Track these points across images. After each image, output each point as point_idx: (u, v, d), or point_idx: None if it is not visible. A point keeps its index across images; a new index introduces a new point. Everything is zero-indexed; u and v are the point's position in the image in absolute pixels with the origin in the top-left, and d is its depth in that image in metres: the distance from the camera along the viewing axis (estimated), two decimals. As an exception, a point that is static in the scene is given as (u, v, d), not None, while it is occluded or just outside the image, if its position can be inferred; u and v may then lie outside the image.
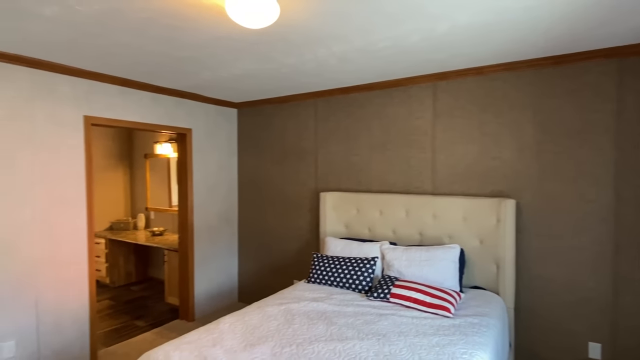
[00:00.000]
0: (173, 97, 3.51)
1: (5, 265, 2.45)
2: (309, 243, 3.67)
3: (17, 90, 2.50)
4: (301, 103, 3.69)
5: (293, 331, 1.98)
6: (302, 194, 3.72)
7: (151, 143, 5.31)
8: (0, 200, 2.42)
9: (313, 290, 2.65)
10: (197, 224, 3.79)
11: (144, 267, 5.34)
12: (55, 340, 2.70)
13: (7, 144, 2.46)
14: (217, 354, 1.73)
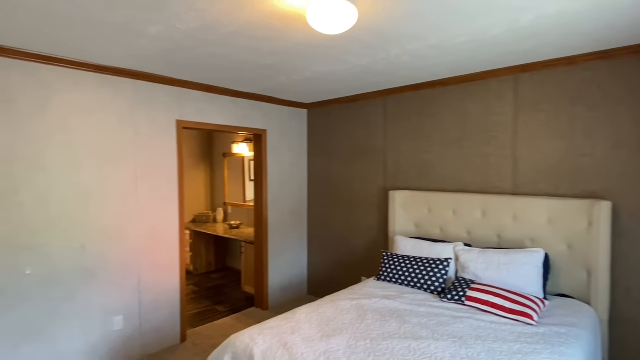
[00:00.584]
0: (250, 100, 3.76)
1: (116, 250, 2.85)
2: (377, 241, 3.69)
3: (124, 99, 2.89)
4: (370, 102, 3.71)
5: (366, 326, 2.03)
6: (370, 192, 3.75)
7: (229, 143, 5.72)
8: (113, 194, 2.83)
9: (383, 288, 2.67)
10: (271, 219, 4.02)
11: (223, 257, 5.79)
12: (153, 318, 3.08)
13: (117, 146, 2.85)
14: (296, 341, 1.85)
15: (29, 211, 2.44)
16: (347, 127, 3.94)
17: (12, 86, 2.37)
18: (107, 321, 2.81)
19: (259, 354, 1.78)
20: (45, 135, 2.51)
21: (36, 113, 2.46)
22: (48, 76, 2.50)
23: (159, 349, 3.11)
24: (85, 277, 2.70)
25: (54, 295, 2.55)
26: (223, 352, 1.93)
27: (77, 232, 2.65)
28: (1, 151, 2.33)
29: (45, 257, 2.51)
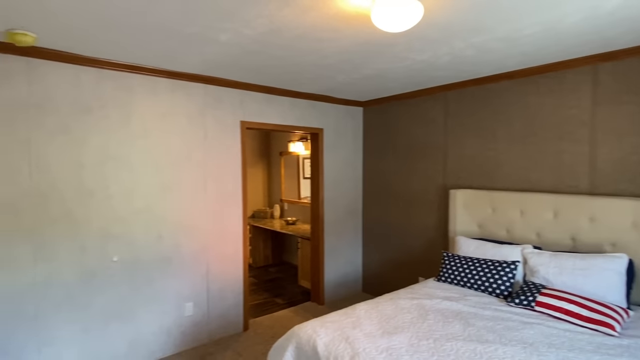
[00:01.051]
0: (308, 100, 3.86)
1: (188, 241, 3.10)
2: (435, 241, 3.60)
3: (195, 102, 3.12)
4: (429, 97, 3.62)
5: (428, 326, 2.01)
6: (428, 191, 3.66)
7: (285, 142, 5.90)
8: (185, 190, 3.07)
9: (444, 289, 2.61)
10: (327, 216, 4.10)
11: (279, 252, 6.01)
12: (219, 305, 3.30)
13: (188, 146, 3.09)
14: (358, 336, 1.88)
15: (117, 204, 2.74)
16: (404, 124, 3.88)
17: (105, 94, 2.67)
18: (179, 306, 3.06)
19: (322, 346, 1.84)
20: (131, 138, 2.79)
21: (124, 118, 2.75)
22: (132, 83, 2.78)
23: (224, 335, 3.33)
24: (162, 265, 2.96)
25: (136, 281, 2.84)
26: (287, 341, 2.03)
27: (156, 223, 2.92)
28: (96, 153, 2.64)
29: (129, 246, 2.80)
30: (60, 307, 2.53)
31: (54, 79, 2.48)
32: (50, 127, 2.47)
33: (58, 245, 2.51)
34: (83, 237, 2.61)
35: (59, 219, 2.51)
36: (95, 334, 2.67)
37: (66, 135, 2.53)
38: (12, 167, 2.35)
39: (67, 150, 2.53)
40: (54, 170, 2.49)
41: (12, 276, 2.36)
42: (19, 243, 2.38)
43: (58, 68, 2.48)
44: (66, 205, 2.54)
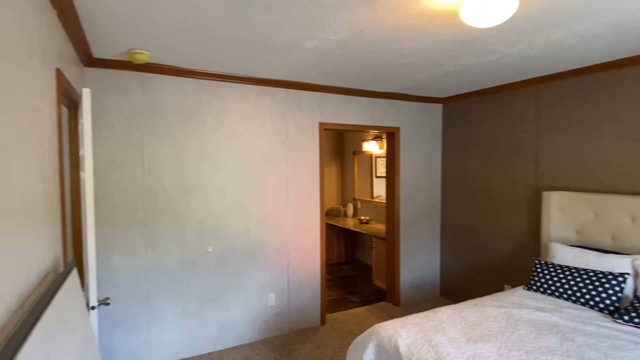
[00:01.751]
0: (385, 100, 3.84)
1: (272, 237, 3.31)
2: (524, 247, 3.34)
3: (277, 106, 3.31)
4: (518, 91, 3.36)
5: (519, 337, 1.89)
6: (515, 192, 3.41)
7: (359, 141, 5.94)
8: (269, 189, 3.28)
9: (536, 300, 2.42)
10: (402, 216, 4.04)
11: (352, 250, 6.07)
12: (298, 298, 3.47)
13: (271, 147, 3.29)
14: (441, 340, 1.85)
15: (211, 201, 3.04)
16: (488, 121, 3.66)
17: (202, 101, 2.97)
18: (263, 297, 3.29)
19: (404, 347, 1.85)
20: (223, 140, 3.07)
21: (217, 123, 3.04)
22: (224, 91, 3.05)
23: (302, 327, 3.49)
24: (248, 257, 3.21)
25: (226, 270, 3.12)
26: (367, 338, 2.07)
27: (243, 219, 3.18)
28: (194, 154, 2.96)
29: (221, 238, 3.09)
30: (165, 290, 2.89)
31: (162, 90, 2.83)
32: (158, 132, 2.83)
33: (163, 236, 2.87)
34: (184, 229, 2.94)
35: (165, 212, 2.87)
36: (193, 315, 3.00)
37: (171, 139, 2.88)
38: (131, 168, 2.74)
39: (171, 152, 2.88)
40: (161, 170, 2.85)
41: (131, 260, 2.76)
42: (135, 233, 2.77)
43: (164, 80, 2.83)
44: (171, 201, 2.89)
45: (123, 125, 2.71)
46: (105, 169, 2.67)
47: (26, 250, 1.14)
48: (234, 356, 2.98)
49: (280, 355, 2.99)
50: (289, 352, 3.04)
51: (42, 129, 1.40)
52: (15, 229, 1.04)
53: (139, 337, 2.82)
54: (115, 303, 2.73)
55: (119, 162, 2.71)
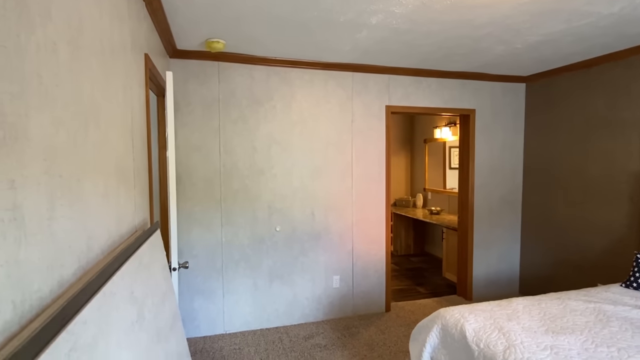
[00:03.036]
0: (458, 80, 3.61)
1: (336, 221, 3.35)
2: (626, 240, 2.89)
3: (343, 90, 3.31)
4: (619, 62, 2.90)
5: (610, 333, 1.66)
6: (615, 179, 2.96)
7: (430, 128, 5.68)
8: (335, 173, 3.32)
9: (635, 298, 2.09)
10: (477, 205, 3.78)
11: (422, 242, 5.86)
12: (363, 283, 3.46)
13: (337, 132, 3.32)
14: (514, 329, 1.70)
15: (280, 182, 3.18)
16: (580, 99, 3.23)
17: (272, 88, 3.11)
18: (328, 278, 3.35)
19: (471, 331, 1.74)
20: (290, 125, 3.18)
21: (285, 108, 3.15)
22: (292, 77, 3.15)
23: (367, 312, 3.48)
24: (314, 239, 3.29)
25: (293, 250, 3.24)
26: (432, 322, 1.99)
27: (309, 201, 3.26)
28: (265, 138, 3.12)
29: (288, 219, 3.21)
30: (238, 264, 3.11)
31: (236, 78, 3.02)
32: (233, 117, 3.03)
33: (237, 214, 3.08)
34: (254, 208, 3.12)
35: (238, 192, 3.07)
36: (262, 290, 3.17)
37: (244, 123, 3.06)
38: (210, 150, 2.99)
39: (244, 136, 3.07)
40: (235, 152, 3.05)
41: (209, 235, 3.02)
42: (213, 210, 3.02)
43: (238, 68, 3.02)
44: (243, 182, 3.09)
45: (202, 111, 2.96)
46: (188, 151, 2.95)
47: (119, 205, 1.32)
48: (299, 332, 3.09)
49: (343, 335, 3.02)
50: (353, 334, 3.05)
51: (132, 105, 1.59)
52: (111, 185, 1.21)
53: (216, 305, 3.07)
54: (196, 272, 3.01)
55: (199, 145, 2.97)
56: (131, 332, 1.02)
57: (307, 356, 2.70)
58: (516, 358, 1.49)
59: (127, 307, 1.04)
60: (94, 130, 1.07)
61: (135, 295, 1.14)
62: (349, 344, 2.87)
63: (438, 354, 1.89)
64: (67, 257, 0.86)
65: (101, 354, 0.80)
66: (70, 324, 0.70)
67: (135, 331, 1.05)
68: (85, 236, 0.98)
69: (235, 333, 3.09)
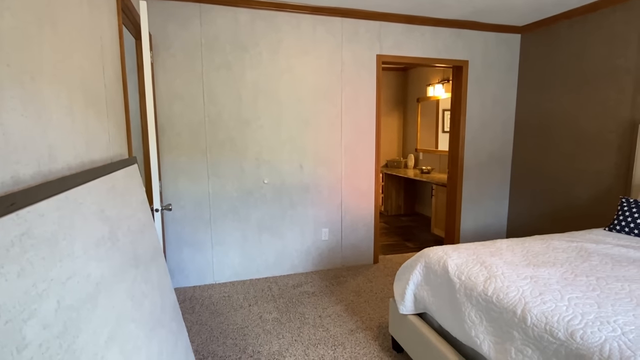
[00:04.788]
0: (452, 29, 3.48)
1: (325, 174, 3.32)
2: (612, 189, 2.92)
3: (333, 37, 3.18)
4: (617, 8, 2.80)
5: (590, 266, 1.68)
6: (605, 128, 2.94)
7: (424, 86, 5.57)
8: (323, 125, 3.25)
9: (618, 239, 2.12)
10: (467, 160, 3.76)
11: (412, 203, 5.90)
12: (351, 236, 3.49)
13: (326, 82, 3.21)
14: (497, 263, 1.72)
15: (267, 134, 3.10)
16: (576, 48, 3.15)
17: (257, 33, 2.97)
18: (317, 231, 3.36)
19: (453, 266, 1.76)
20: (277, 73, 3.07)
21: (271, 55, 3.03)
22: (279, 21, 3.01)
23: (355, 264, 3.53)
24: (303, 192, 3.27)
25: (282, 202, 3.22)
26: (416, 261, 2.00)
27: (298, 154, 3.21)
28: (251, 87, 3.01)
29: (276, 171, 3.17)
30: (226, 216, 3.09)
31: (219, 21, 2.87)
32: (217, 64, 2.91)
33: (224, 165, 3.03)
34: (241, 160, 3.07)
35: (224, 143, 3.00)
36: (251, 242, 3.18)
37: (228, 70, 2.94)
38: (193, 99, 2.89)
39: (229, 84, 2.96)
40: (220, 102, 2.96)
41: (195, 186, 2.98)
42: (198, 160, 2.96)
43: (221, 11, 2.86)
44: (229, 132, 3.01)
45: (184, 56, 2.83)
46: (170, 98, 2.84)
47: (88, 129, 1.25)
48: (288, 281, 3.13)
49: (331, 284, 3.07)
50: (341, 282, 3.10)
51: (102, 29, 1.49)
52: (77, 102, 1.14)
53: (204, 256, 3.08)
54: (184, 223, 2.99)
55: (182, 93, 2.86)
56: (102, 246, 0.99)
57: (295, 302, 2.74)
58: (496, 286, 1.51)
59: (97, 223, 1.00)
60: (51, 33, 0.99)
61: (107, 214, 1.10)
62: (337, 291, 2.92)
63: (421, 291, 1.92)
64: (23, 156, 0.80)
65: (64, 252, 0.77)
66: (23, 210, 0.66)
67: (107, 247, 1.02)
68: (46, 144, 0.92)
69: (225, 283, 3.12)
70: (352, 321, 2.45)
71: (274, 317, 2.51)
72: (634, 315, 1.22)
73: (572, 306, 1.30)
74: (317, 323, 2.43)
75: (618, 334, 1.12)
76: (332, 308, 2.64)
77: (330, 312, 2.58)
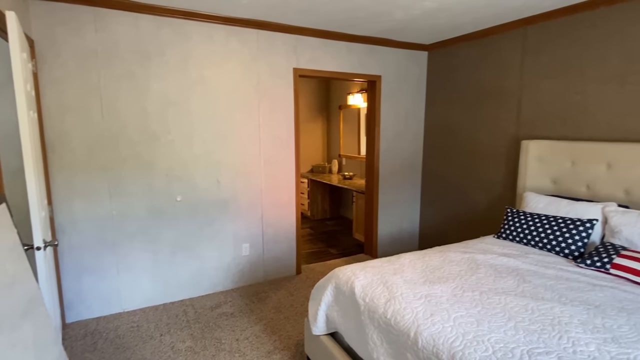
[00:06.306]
0: (365, 45, 3.62)
1: (244, 187, 3.24)
2: (502, 198, 3.29)
3: (248, 49, 3.10)
4: (504, 35, 3.16)
5: (477, 279, 1.87)
6: (497, 143, 3.31)
7: (345, 95, 5.73)
8: (241, 138, 3.16)
9: (503, 246, 2.40)
10: (383, 169, 3.96)
11: (337, 206, 6.07)
12: (274, 248, 3.47)
13: (242, 94, 3.13)
14: (397, 281, 1.83)
15: (178, 148, 2.93)
16: (473, 68, 3.48)
17: (163, 41, 2.77)
18: (237, 246, 3.28)
19: (359, 287, 1.83)
20: (189, 85, 2.90)
21: (181, 65, 2.85)
22: (188, 30, 2.84)
23: (278, 276, 3.52)
24: (221, 207, 3.15)
25: (198, 220, 3.07)
26: (327, 281, 2.05)
27: (214, 168, 3.08)
28: (158, 98, 2.81)
29: (191, 188, 3.01)
30: (134, 238, 2.86)
31: (118, 27, 2.62)
32: (117, 73, 2.66)
33: (129, 183, 2.79)
34: (150, 177, 2.85)
35: (128, 159, 2.77)
36: (164, 264, 2.99)
37: (131, 81, 2.71)
38: (89, 111, 2.60)
39: (132, 95, 2.73)
40: (122, 114, 2.71)
41: (95, 208, 2.70)
42: (98, 179, 2.68)
43: (120, 16, 2.62)
44: (134, 147, 2.78)
45: (77, 65, 2.54)
46: (62, 112, 2.53)
47: None
48: (206, 302, 3.01)
49: (252, 301, 3.02)
50: (262, 298, 3.07)
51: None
52: None
53: (109, 283, 2.81)
54: (82, 250, 2.70)
55: (75, 106, 2.56)
56: None
57: (211, 326, 2.64)
58: (395, 308, 1.61)
59: None
60: None
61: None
62: (257, 309, 2.88)
63: (332, 311, 1.97)
64: None
65: None
66: None
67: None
68: None
69: (135, 310, 2.89)
70: (270, 342, 2.44)
71: (188, 346, 2.39)
72: (504, 332, 1.38)
73: (456, 326, 1.43)
74: (233, 348, 2.37)
75: (489, 354, 1.25)
76: (250, 329, 2.59)
77: (249, 333, 2.54)
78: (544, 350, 1.26)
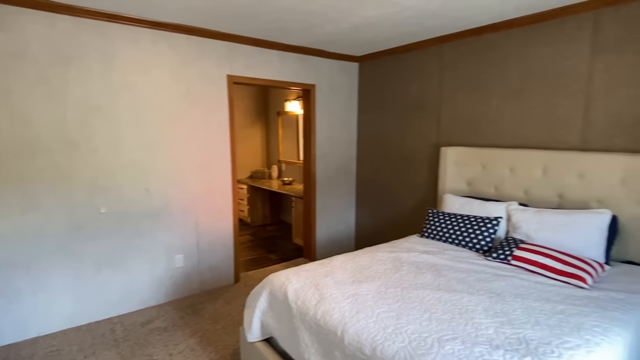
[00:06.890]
0: (299, 54, 3.72)
1: (176, 196, 3.14)
2: (426, 200, 3.58)
3: (177, 55, 3.03)
4: (425, 51, 3.45)
5: (400, 276, 2.03)
6: (421, 150, 3.59)
7: (282, 101, 5.79)
8: (171, 145, 3.07)
9: (425, 244, 2.62)
10: (319, 175, 4.08)
11: (277, 211, 6.09)
12: (209, 258, 3.39)
13: (171, 100, 3.05)
14: (328, 283, 1.92)
15: (103, 157, 2.76)
16: (399, 80, 3.75)
17: (84, 44, 2.60)
18: (170, 258, 3.16)
19: (292, 291, 1.89)
20: (113, 90, 2.75)
21: (105, 70, 2.70)
22: (112, 33, 2.70)
23: (215, 286, 3.45)
24: (151, 218, 3.02)
25: (125, 232, 2.91)
26: (262, 288, 2.08)
27: (143, 177, 2.95)
28: (78, 104, 2.63)
29: (117, 198, 2.85)
30: (52, 256, 2.63)
31: (29, 27, 2.42)
32: (29, 78, 2.44)
33: (46, 196, 2.57)
34: (70, 188, 2.65)
35: (44, 169, 2.55)
36: (87, 281, 2.78)
37: (47, 86, 2.51)
38: (-7, 117, 2.36)
39: (48, 101, 2.52)
40: (35, 122, 2.49)
41: (5, 225, 2.44)
42: (5, 192, 2.43)
43: (32, 15, 2.42)
44: (51, 157, 2.57)
45: (-22, 66, 2.29)
46: (-42, 118, 2.26)
47: None
48: (136, 319, 2.86)
49: (187, 314, 2.93)
50: (197, 310, 2.99)
51: None
52: None
53: (23, 306, 2.56)
54: (-13, 272, 2.42)
55: (-23, 111, 2.31)
56: None
57: (142, 343, 2.52)
58: (324, 309, 1.69)
59: None
60: None
61: None
62: (192, 322, 2.81)
63: (267, 317, 2.00)
64: None
65: None
66: None
67: None
68: None
69: (54, 333, 2.66)
70: (205, 354, 2.39)
71: (115, 367, 2.26)
72: (419, 323, 1.53)
73: (378, 321, 1.55)
74: (166, 364, 2.29)
75: (405, 344, 1.38)
76: (185, 343, 2.52)
77: (183, 347, 2.47)
78: (451, 336, 1.42)
